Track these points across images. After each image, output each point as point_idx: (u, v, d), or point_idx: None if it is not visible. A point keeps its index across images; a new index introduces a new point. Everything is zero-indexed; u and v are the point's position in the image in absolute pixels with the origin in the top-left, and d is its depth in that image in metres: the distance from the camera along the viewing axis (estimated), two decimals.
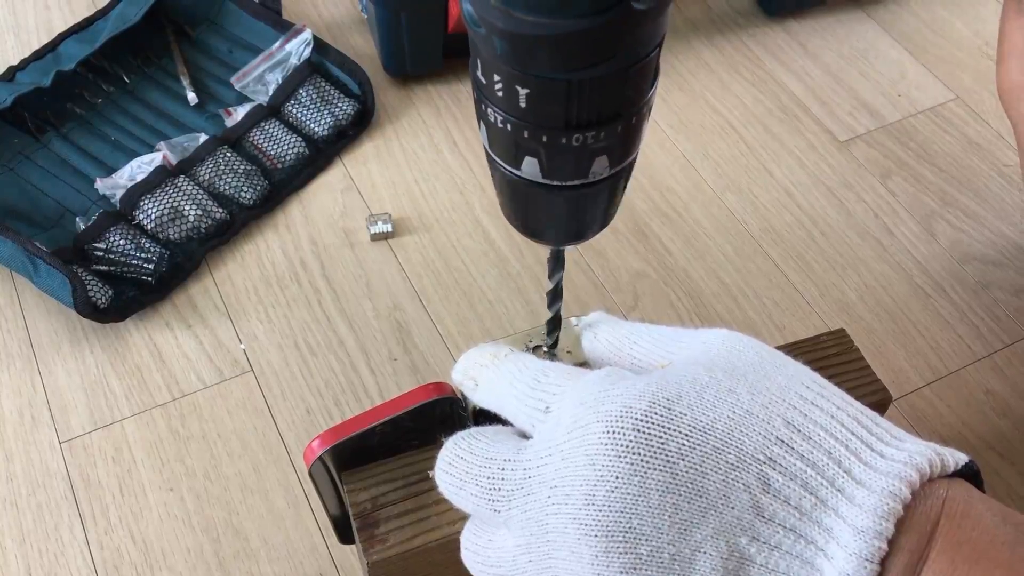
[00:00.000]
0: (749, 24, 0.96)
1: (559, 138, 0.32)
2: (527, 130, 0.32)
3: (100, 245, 0.73)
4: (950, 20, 0.97)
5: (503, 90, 0.31)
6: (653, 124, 0.86)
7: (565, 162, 0.33)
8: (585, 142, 0.32)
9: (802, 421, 0.30)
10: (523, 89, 0.30)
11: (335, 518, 0.48)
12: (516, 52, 0.29)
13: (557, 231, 0.38)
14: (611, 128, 0.32)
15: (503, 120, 0.32)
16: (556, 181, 0.34)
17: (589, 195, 0.35)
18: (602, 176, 0.34)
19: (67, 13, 0.93)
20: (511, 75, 0.30)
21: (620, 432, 0.30)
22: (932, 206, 0.81)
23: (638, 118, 0.33)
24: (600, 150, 0.33)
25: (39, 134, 0.81)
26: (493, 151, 0.35)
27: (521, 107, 0.31)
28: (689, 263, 0.76)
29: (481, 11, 0.29)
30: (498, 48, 0.29)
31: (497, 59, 0.30)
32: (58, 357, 0.70)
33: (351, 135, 0.83)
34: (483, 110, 0.33)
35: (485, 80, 0.32)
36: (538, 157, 0.33)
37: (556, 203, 0.35)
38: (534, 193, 0.35)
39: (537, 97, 0.31)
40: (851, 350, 0.50)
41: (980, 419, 0.68)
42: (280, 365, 0.69)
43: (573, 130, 0.32)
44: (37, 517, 0.62)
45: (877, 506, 0.28)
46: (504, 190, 0.37)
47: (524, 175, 0.34)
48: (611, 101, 0.31)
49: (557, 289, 0.43)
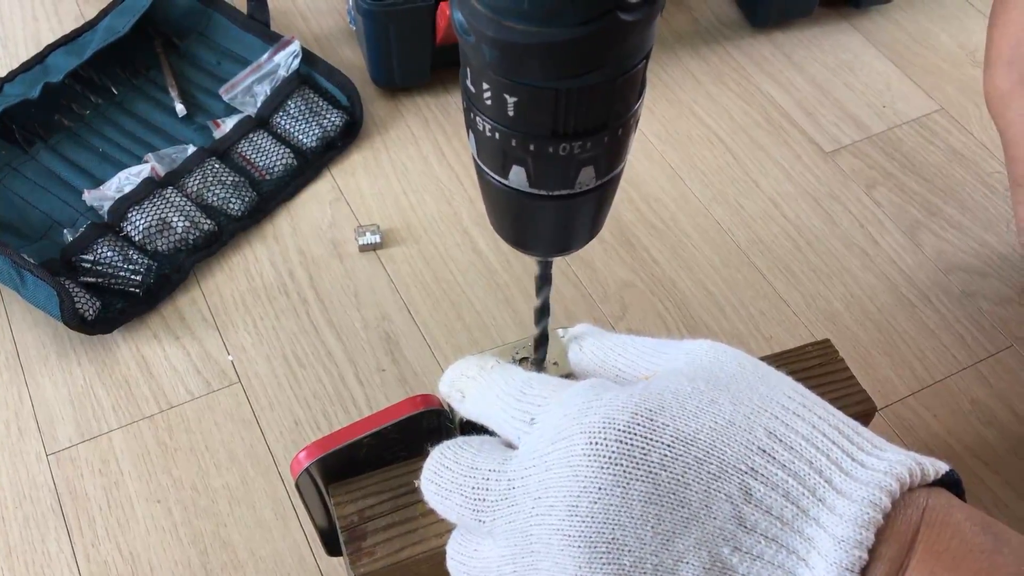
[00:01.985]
0: (735, 35, 0.97)
1: (546, 147, 0.32)
2: (515, 139, 0.32)
3: (88, 257, 0.73)
4: (935, 32, 0.98)
5: (492, 98, 0.32)
6: (640, 135, 0.86)
7: (552, 172, 0.33)
8: (572, 152, 0.33)
9: (783, 431, 0.30)
10: (511, 97, 0.31)
11: (322, 530, 0.48)
12: (505, 60, 0.30)
13: (543, 242, 0.39)
14: (598, 138, 0.33)
15: (491, 128, 0.33)
16: (543, 190, 0.34)
17: (575, 206, 0.36)
18: (588, 187, 0.35)
19: (55, 25, 0.93)
20: (500, 83, 0.31)
21: (603, 443, 0.30)
22: (917, 216, 0.82)
23: (624, 130, 0.33)
24: (587, 160, 0.33)
25: (27, 146, 0.81)
26: (481, 160, 0.35)
27: (509, 115, 0.32)
28: (676, 273, 0.76)
29: (471, 19, 0.29)
30: (487, 56, 0.30)
31: (486, 67, 0.31)
32: (45, 369, 0.69)
33: (339, 146, 0.84)
34: (472, 118, 0.34)
35: (474, 89, 0.32)
36: (525, 166, 0.33)
37: (542, 213, 0.36)
38: (521, 202, 0.35)
39: (525, 106, 0.31)
40: (836, 360, 0.51)
41: (965, 428, 0.69)
42: (268, 376, 0.69)
43: (560, 139, 0.32)
44: (24, 529, 0.62)
45: (857, 516, 0.28)
46: (491, 199, 0.37)
47: (511, 184, 0.35)
48: (598, 111, 0.32)
49: (544, 305, 0.43)
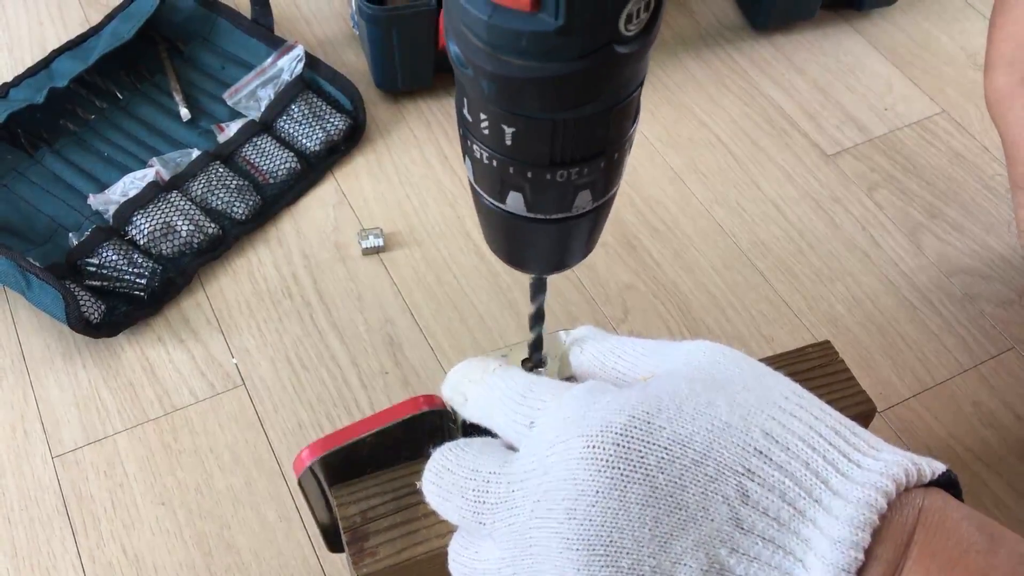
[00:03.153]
0: (737, 38, 0.97)
1: (544, 174, 0.32)
2: (512, 166, 0.32)
3: (93, 260, 0.73)
4: (936, 34, 0.98)
5: (489, 128, 0.32)
6: (642, 137, 0.87)
7: (549, 197, 0.34)
8: (569, 178, 0.33)
9: (780, 432, 0.30)
10: (509, 128, 0.31)
11: (324, 526, 0.48)
12: (503, 93, 0.30)
13: (540, 261, 0.39)
14: (594, 164, 0.33)
15: (489, 156, 0.33)
16: (540, 215, 0.35)
17: (572, 228, 0.36)
18: (585, 210, 0.35)
19: (60, 30, 0.94)
20: (497, 114, 0.31)
21: (600, 447, 0.30)
22: (919, 219, 0.82)
23: (620, 153, 0.34)
24: (584, 185, 0.33)
25: (32, 150, 0.81)
26: (478, 185, 0.35)
27: (507, 144, 0.32)
28: (678, 276, 0.77)
29: (468, 53, 0.29)
30: (485, 89, 0.30)
31: (483, 99, 0.31)
32: (51, 372, 0.70)
33: (343, 150, 0.84)
34: (468, 146, 0.34)
35: (471, 118, 0.32)
36: (523, 192, 0.34)
37: (539, 235, 0.36)
38: (518, 226, 0.36)
39: (523, 135, 0.31)
40: (836, 361, 0.51)
41: (967, 430, 0.69)
42: (272, 379, 0.69)
43: (557, 167, 0.32)
44: (29, 531, 0.62)
45: (853, 516, 0.28)
46: (488, 222, 0.37)
47: (509, 209, 0.35)
48: (595, 139, 0.32)
49: (539, 312, 0.44)
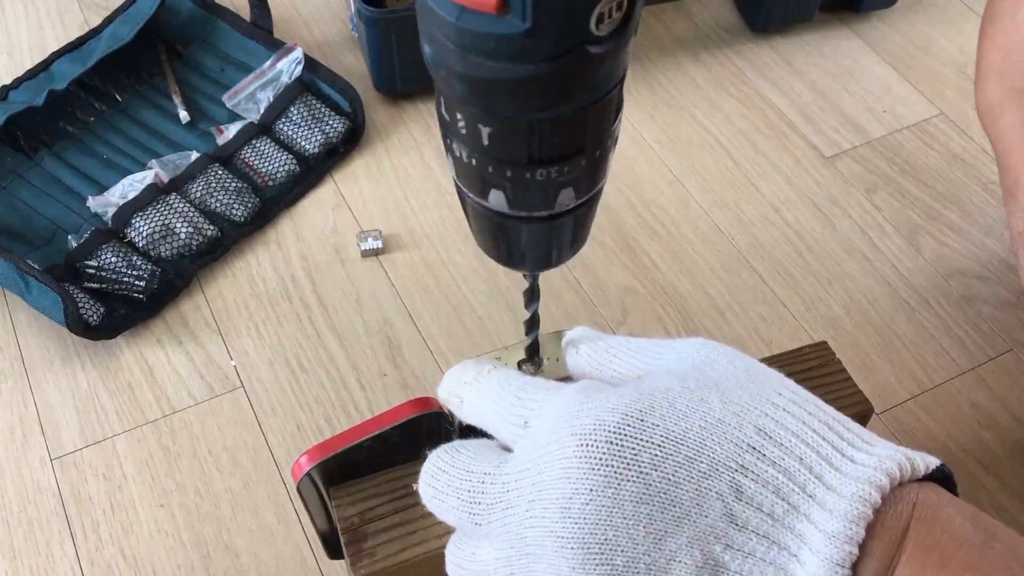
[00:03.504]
0: (735, 41, 0.97)
1: (523, 173, 0.32)
2: (492, 165, 0.32)
3: (92, 263, 0.74)
4: (934, 37, 0.98)
5: (466, 128, 0.31)
6: (641, 140, 0.87)
7: (531, 195, 0.33)
8: (550, 176, 0.32)
9: (773, 428, 0.30)
10: (485, 128, 0.31)
11: (323, 533, 0.48)
12: (475, 94, 0.30)
13: (528, 259, 0.38)
14: (575, 162, 0.32)
15: (468, 155, 0.33)
16: (523, 212, 0.34)
17: (557, 226, 0.35)
18: (569, 207, 0.34)
19: (60, 32, 0.94)
20: (473, 114, 0.31)
21: (593, 445, 0.30)
22: (917, 221, 0.82)
23: (602, 151, 0.33)
24: (566, 183, 0.33)
25: (32, 153, 0.82)
26: (461, 183, 0.35)
27: (484, 144, 0.31)
28: (677, 278, 0.77)
29: (439, 54, 0.29)
30: (458, 91, 0.30)
31: (457, 99, 0.30)
32: (49, 374, 0.70)
33: (342, 152, 0.84)
34: (449, 144, 0.34)
35: (449, 117, 0.32)
36: (504, 190, 0.33)
37: (525, 233, 0.36)
38: (503, 224, 0.35)
39: (499, 135, 0.31)
40: (833, 362, 0.51)
41: (965, 431, 0.69)
42: (271, 381, 0.69)
43: (537, 165, 0.32)
44: (28, 533, 0.62)
45: (847, 511, 0.28)
46: (474, 220, 0.37)
47: (492, 207, 0.34)
48: (574, 138, 0.32)
49: (534, 319, 0.44)
